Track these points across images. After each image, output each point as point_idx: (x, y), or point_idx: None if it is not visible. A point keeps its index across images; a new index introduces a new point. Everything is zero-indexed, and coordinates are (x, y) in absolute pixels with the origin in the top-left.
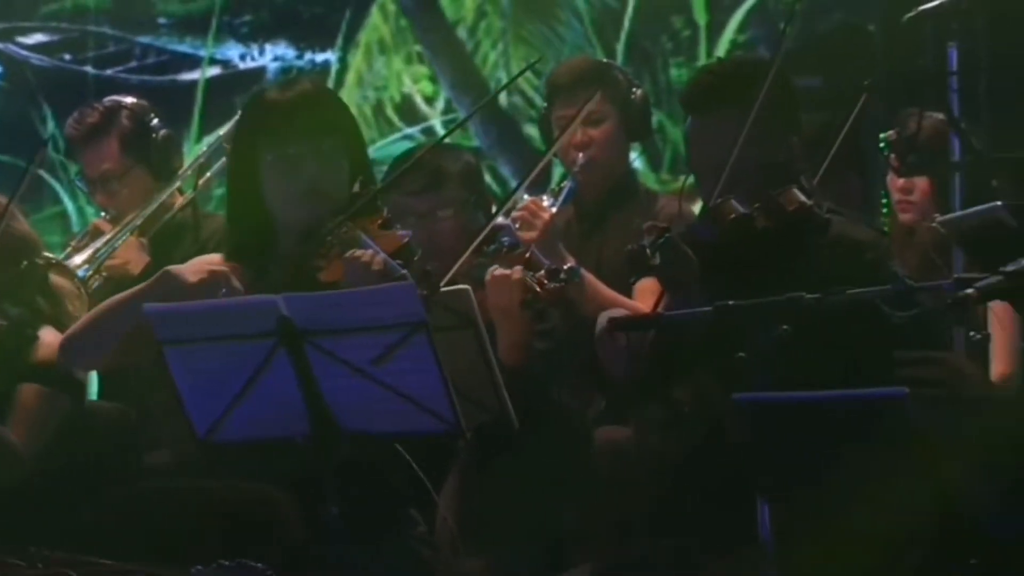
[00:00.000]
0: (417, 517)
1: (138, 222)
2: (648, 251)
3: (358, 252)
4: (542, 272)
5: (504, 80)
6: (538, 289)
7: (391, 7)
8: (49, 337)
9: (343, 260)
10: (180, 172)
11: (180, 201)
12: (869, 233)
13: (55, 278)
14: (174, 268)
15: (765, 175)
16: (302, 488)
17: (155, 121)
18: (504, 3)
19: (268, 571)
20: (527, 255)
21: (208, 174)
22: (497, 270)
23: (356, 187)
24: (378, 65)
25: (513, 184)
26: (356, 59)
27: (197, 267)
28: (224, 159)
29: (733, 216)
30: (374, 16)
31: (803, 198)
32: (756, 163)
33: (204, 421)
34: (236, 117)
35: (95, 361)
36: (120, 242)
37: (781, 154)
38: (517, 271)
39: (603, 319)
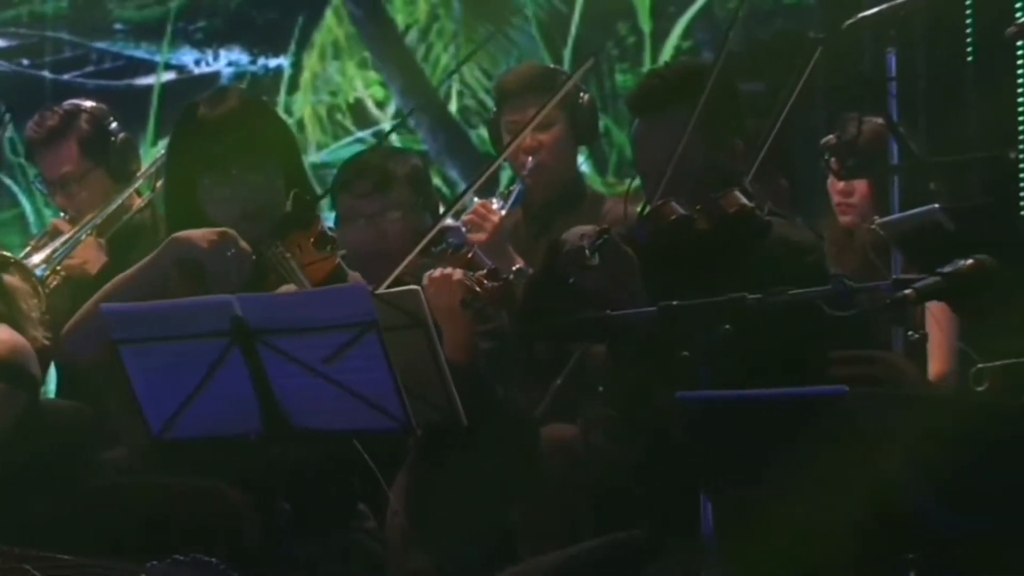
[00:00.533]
0: (367, 512)
1: (97, 222)
2: (587, 251)
3: (283, 289)
4: (483, 272)
5: (456, 84)
6: (477, 289)
7: (344, 9)
8: (2, 335)
9: None
10: (138, 174)
11: (138, 203)
12: (808, 235)
13: (8, 277)
14: (182, 234)
15: (708, 177)
16: (255, 485)
17: (114, 125)
18: (456, 7)
19: (222, 566)
20: (469, 255)
21: None
22: (437, 271)
23: (290, 202)
24: (331, 70)
25: (462, 187)
26: (311, 60)
27: (205, 232)
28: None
29: (674, 217)
30: (328, 18)
31: (744, 200)
32: (700, 165)
33: (159, 419)
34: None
35: (103, 348)
36: (81, 240)
37: (725, 157)
38: (458, 272)
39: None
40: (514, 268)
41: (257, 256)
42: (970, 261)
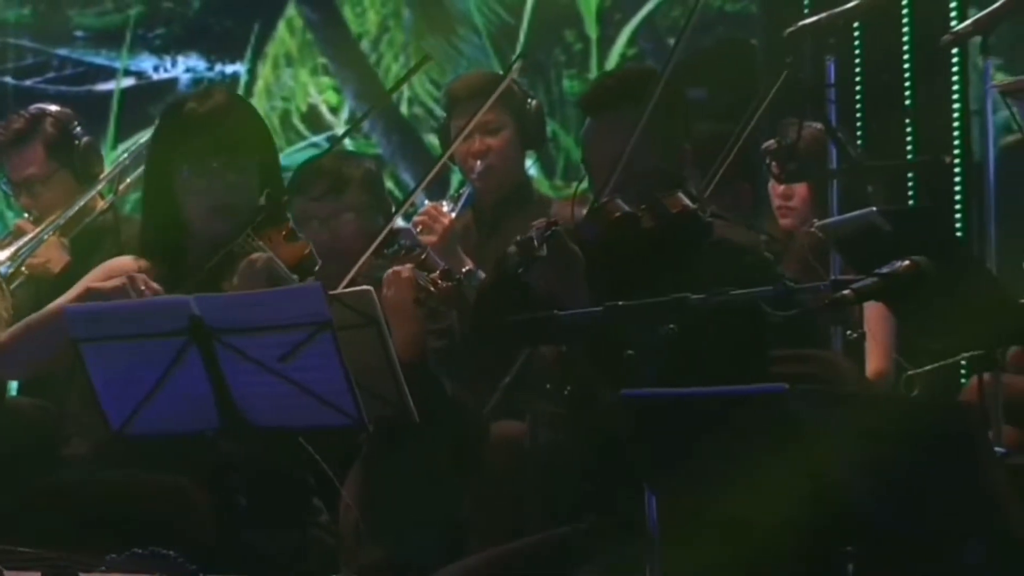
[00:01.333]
0: (320, 506)
1: (60, 222)
2: (536, 242)
3: (254, 256)
4: (437, 272)
5: (407, 92)
6: (432, 289)
7: (297, 22)
8: None
9: (240, 269)
10: (101, 177)
11: (101, 205)
12: (750, 237)
13: None
14: (95, 285)
15: (654, 179)
16: (211, 479)
17: (78, 129)
18: (406, 18)
19: (179, 559)
20: (423, 256)
21: (128, 180)
22: (390, 270)
23: (263, 200)
24: (285, 77)
25: None
26: (266, 67)
27: (116, 280)
28: (143, 166)
29: (618, 215)
30: (281, 30)
31: (687, 202)
32: (647, 166)
33: (118, 416)
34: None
35: (20, 373)
36: (44, 240)
37: (672, 159)
38: (407, 269)
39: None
40: (464, 270)
41: (225, 250)
42: (906, 262)
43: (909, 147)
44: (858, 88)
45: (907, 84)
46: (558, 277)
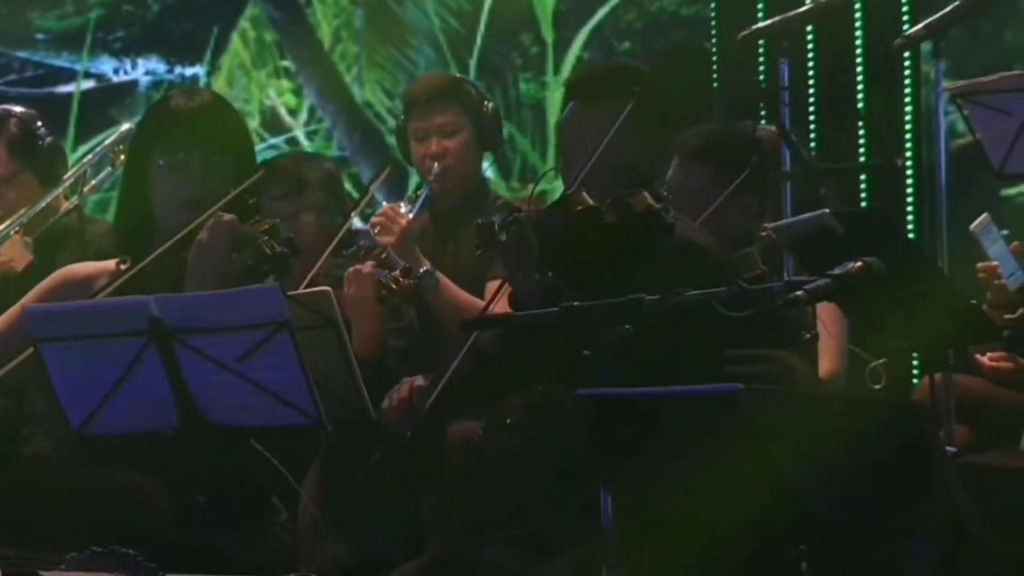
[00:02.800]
0: (280, 506)
1: (24, 220)
2: (496, 227)
3: (220, 213)
4: (398, 271)
5: (360, 100)
6: (393, 286)
7: (251, 33)
8: None
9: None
10: (65, 177)
11: (65, 206)
12: (710, 240)
13: None
14: None
15: (625, 175)
16: (171, 478)
17: (42, 129)
18: (359, 29)
19: (139, 558)
20: (383, 256)
21: (93, 182)
22: (354, 267)
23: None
24: (243, 81)
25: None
26: (225, 68)
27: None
28: (108, 169)
29: (581, 208)
30: (235, 42)
31: (651, 201)
32: (621, 162)
33: (79, 415)
34: (118, 127)
35: None
36: (8, 237)
37: (646, 158)
38: (367, 266)
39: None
40: (421, 270)
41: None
42: (859, 263)
43: (862, 150)
44: (811, 91)
45: (860, 87)
46: (513, 264)
